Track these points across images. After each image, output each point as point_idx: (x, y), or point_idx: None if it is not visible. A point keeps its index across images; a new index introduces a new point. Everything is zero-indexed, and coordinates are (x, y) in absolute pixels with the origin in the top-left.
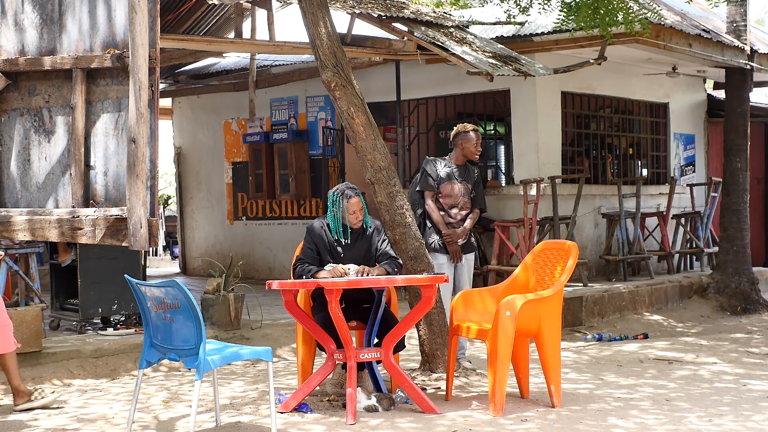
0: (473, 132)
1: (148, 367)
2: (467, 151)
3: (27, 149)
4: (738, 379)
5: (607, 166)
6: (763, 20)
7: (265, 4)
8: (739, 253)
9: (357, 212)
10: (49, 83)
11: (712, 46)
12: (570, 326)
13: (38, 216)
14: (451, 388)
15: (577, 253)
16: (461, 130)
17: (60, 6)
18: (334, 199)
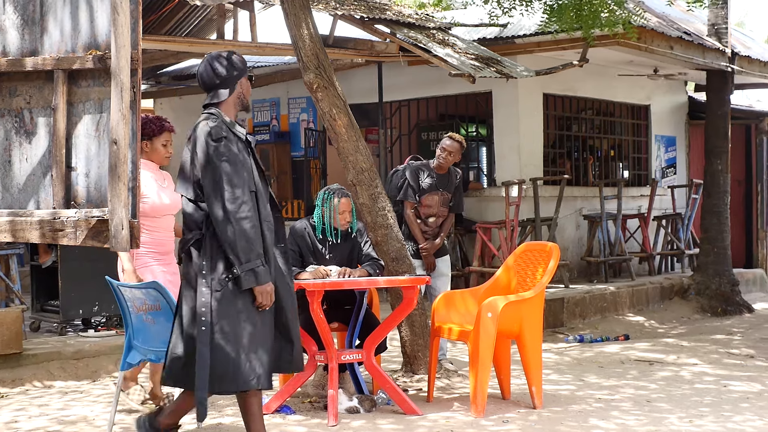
0: (449, 139)
1: (129, 368)
2: (437, 153)
3: (8, 150)
4: (719, 380)
5: (589, 167)
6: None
7: (248, 5)
8: (719, 254)
9: (346, 213)
10: (30, 84)
11: (694, 48)
12: (551, 328)
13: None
14: (433, 390)
15: (559, 255)
16: (444, 136)
17: (42, 7)
18: (324, 197)
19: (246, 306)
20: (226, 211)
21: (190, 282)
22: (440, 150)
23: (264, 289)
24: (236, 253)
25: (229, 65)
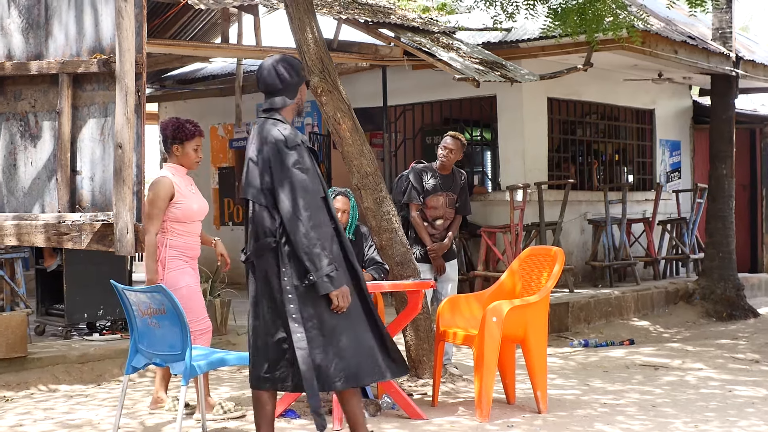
0: (449, 137)
1: (134, 372)
2: (438, 152)
3: (13, 154)
4: (724, 385)
5: (593, 172)
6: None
7: (252, 9)
8: (724, 259)
9: (340, 211)
10: (35, 88)
11: (698, 52)
12: (556, 332)
13: (24, 221)
14: (438, 394)
15: (564, 259)
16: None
17: (46, 11)
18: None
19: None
20: (302, 219)
21: (270, 288)
22: (441, 149)
23: (340, 292)
24: (312, 259)
25: (294, 71)
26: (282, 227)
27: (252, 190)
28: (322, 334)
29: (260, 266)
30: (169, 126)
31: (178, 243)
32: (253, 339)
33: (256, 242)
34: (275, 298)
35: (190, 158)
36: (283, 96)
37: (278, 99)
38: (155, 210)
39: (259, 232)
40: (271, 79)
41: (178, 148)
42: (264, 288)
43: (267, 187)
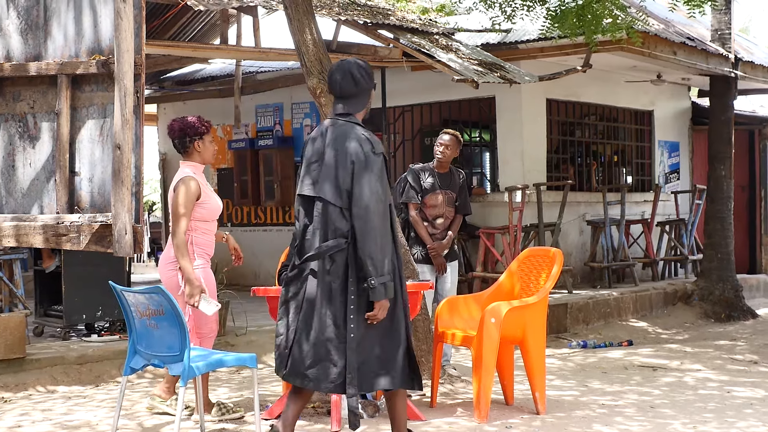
0: (445, 134)
1: (132, 373)
2: (435, 149)
3: (12, 155)
4: (722, 386)
5: (592, 173)
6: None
7: (251, 10)
8: (723, 260)
9: None
10: (34, 89)
11: (697, 54)
12: (555, 333)
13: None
14: (436, 395)
15: (562, 260)
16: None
17: (45, 12)
18: None
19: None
20: (375, 225)
21: (331, 288)
22: (437, 146)
23: (385, 304)
24: (375, 264)
25: (368, 76)
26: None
27: (328, 190)
28: (370, 337)
29: (324, 266)
30: (186, 125)
31: (201, 241)
32: (297, 337)
33: (325, 242)
34: (336, 298)
35: (210, 152)
36: (357, 101)
37: (353, 103)
38: (185, 210)
39: (330, 232)
40: (347, 83)
41: (199, 144)
42: (325, 288)
43: (346, 188)
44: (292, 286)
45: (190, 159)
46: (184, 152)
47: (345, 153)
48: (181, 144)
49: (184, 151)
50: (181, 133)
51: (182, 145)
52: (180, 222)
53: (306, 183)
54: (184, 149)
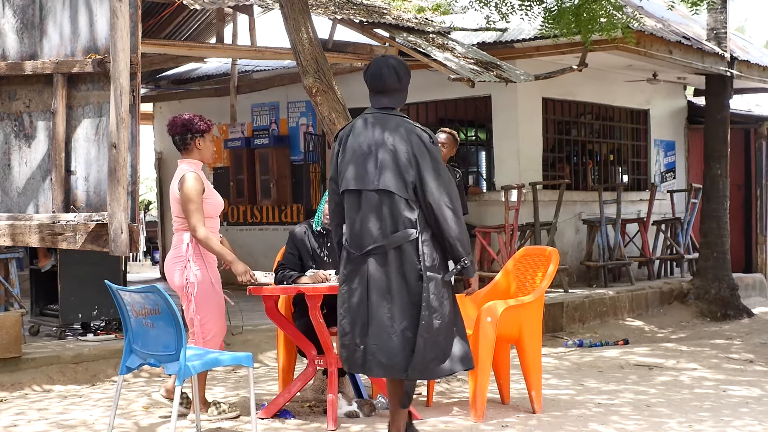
0: (442, 132)
1: (128, 373)
2: None
3: (7, 154)
4: (718, 385)
5: (588, 172)
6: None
7: (247, 9)
8: (719, 259)
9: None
10: (29, 88)
11: (693, 53)
12: (551, 332)
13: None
14: (432, 394)
15: (558, 259)
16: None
17: (41, 11)
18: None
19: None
20: (454, 210)
21: (405, 278)
22: None
23: (476, 278)
24: (463, 245)
25: (408, 73)
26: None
27: (392, 182)
28: (446, 323)
29: (393, 257)
30: (187, 122)
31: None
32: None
33: (394, 233)
34: (410, 287)
35: (209, 151)
36: (400, 95)
37: (397, 98)
38: (195, 205)
39: (398, 223)
40: (391, 79)
41: (200, 142)
42: (397, 278)
43: (411, 179)
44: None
45: (190, 156)
46: (184, 149)
47: (405, 145)
48: (182, 140)
49: (184, 148)
50: (183, 129)
51: (183, 141)
52: (195, 216)
53: (357, 176)
54: (184, 146)
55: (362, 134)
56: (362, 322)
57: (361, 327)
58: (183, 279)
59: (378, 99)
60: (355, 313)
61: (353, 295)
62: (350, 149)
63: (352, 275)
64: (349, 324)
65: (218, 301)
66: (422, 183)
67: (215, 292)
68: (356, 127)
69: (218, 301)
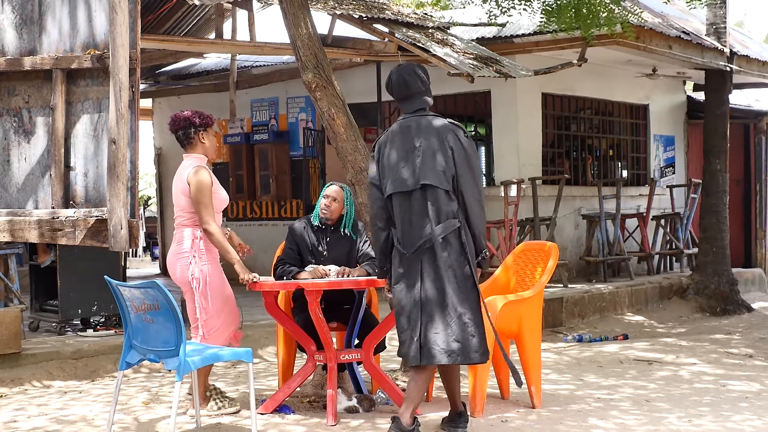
0: None
1: (128, 368)
2: None
3: (6, 150)
4: (718, 380)
5: (588, 167)
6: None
7: (246, 4)
8: (718, 254)
9: (330, 201)
10: (29, 84)
11: (692, 48)
12: (550, 327)
13: (18, 217)
14: (432, 389)
15: (558, 254)
16: None
17: (40, 6)
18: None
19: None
20: (482, 203)
21: (452, 266)
22: None
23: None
24: (483, 238)
25: (427, 73)
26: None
27: (433, 176)
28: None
29: (442, 246)
30: (191, 116)
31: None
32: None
33: (440, 224)
34: (457, 275)
35: (213, 145)
36: (426, 96)
37: (426, 99)
38: (207, 199)
39: (441, 215)
40: (415, 83)
41: (204, 136)
42: (447, 268)
43: (450, 173)
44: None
45: (194, 151)
46: (188, 144)
47: (442, 141)
48: (186, 135)
49: (189, 143)
50: (186, 123)
51: (186, 136)
52: (205, 211)
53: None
54: (188, 140)
55: (400, 138)
56: (420, 316)
57: (420, 320)
58: (188, 274)
59: (408, 105)
60: (413, 308)
61: (410, 291)
62: (391, 154)
63: (407, 273)
64: (407, 320)
65: (225, 296)
66: (458, 175)
67: (223, 285)
68: (393, 133)
69: (225, 295)
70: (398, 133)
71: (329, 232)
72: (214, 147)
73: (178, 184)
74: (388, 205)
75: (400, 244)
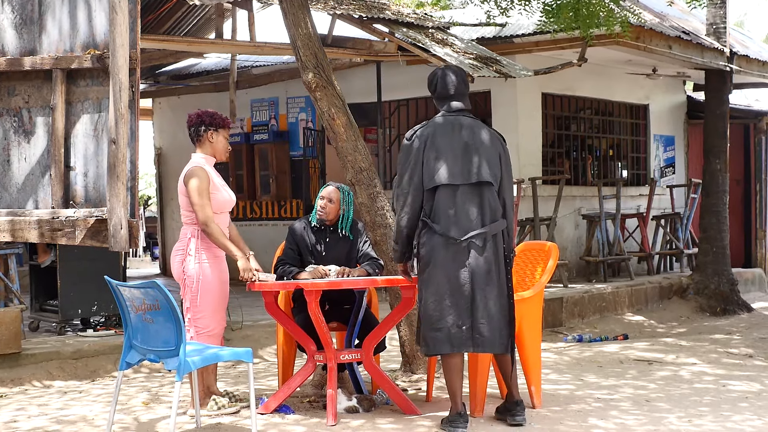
0: None
1: (127, 368)
2: None
3: (6, 150)
4: (718, 380)
5: (588, 167)
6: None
7: (246, 4)
8: (718, 254)
9: (325, 202)
10: (29, 84)
11: (692, 47)
12: (550, 327)
13: (18, 217)
14: (432, 389)
15: (558, 254)
16: None
17: (40, 6)
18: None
19: None
20: (513, 203)
21: (498, 262)
22: None
23: None
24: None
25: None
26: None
27: (490, 175)
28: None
29: (492, 241)
30: (204, 114)
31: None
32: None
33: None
34: (500, 270)
35: (222, 146)
36: (467, 99)
37: (466, 101)
38: (204, 199)
39: (495, 213)
40: (461, 85)
41: (213, 135)
42: (493, 262)
43: (499, 176)
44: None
45: (202, 149)
46: (197, 141)
47: (493, 144)
48: (196, 132)
49: (197, 140)
50: (198, 120)
51: (196, 133)
52: (203, 210)
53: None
54: (197, 137)
55: (450, 134)
56: (466, 304)
57: (465, 308)
58: (181, 270)
59: (450, 103)
60: (458, 295)
61: (454, 279)
62: (441, 148)
63: (451, 261)
64: (450, 307)
65: (219, 297)
66: (502, 179)
67: (218, 287)
68: (440, 127)
69: (219, 296)
70: (447, 129)
71: (328, 233)
72: (223, 148)
73: (179, 183)
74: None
75: (445, 231)
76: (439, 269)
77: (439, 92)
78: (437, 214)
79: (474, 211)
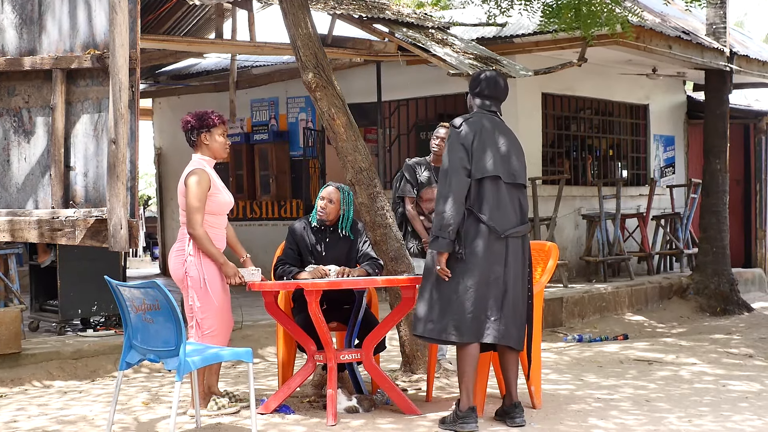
0: (442, 127)
1: (127, 368)
2: (431, 143)
3: (6, 150)
4: (718, 380)
5: (588, 167)
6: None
7: (246, 4)
8: (718, 254)
9: (325, 202)
10: (28, 84)
11: (692, 48)
12: (550, 327)
13: (18, 217)
14: (432, 389)
15: (558, 254)
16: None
17: (40, 6)
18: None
19: None
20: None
21: (525, 261)
22: (434, 139)
23: None
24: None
25: None
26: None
27: (523, 178)
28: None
29: (521, 240)
30: (193, 117)
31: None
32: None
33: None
34: (527, 269)
35: (219, 145)
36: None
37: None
38: (199, 203)
39: (525, 214)
40: (506, 91)
41: (206, 136)
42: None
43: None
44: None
45: (200, 152)
46: (193, 146)
47: (521, 149)
48: (190, 138)
49: (194, 145)
50: (189, 126)
51: (191, 139)
52: (195, 215)
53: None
54: (192, 143)
55: (494, 132)
56: (499, 297)
57: (498, 300)
58: (182, 271)
59: (491, 104)
60: (495, 287)
61: (492, 271)
62: (486, 141)
63: (491, 255)
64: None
65: (222, 297)
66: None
67: (219, 287)
68: (487, 122)
69: (222, 296)
70: (492, 126)
71: (328, 233)
72: (221, 147)
73: (180, 183)
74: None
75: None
76: (482, 259)
77: (489, 93)
78: (483, 205)
79: (514, 209)
